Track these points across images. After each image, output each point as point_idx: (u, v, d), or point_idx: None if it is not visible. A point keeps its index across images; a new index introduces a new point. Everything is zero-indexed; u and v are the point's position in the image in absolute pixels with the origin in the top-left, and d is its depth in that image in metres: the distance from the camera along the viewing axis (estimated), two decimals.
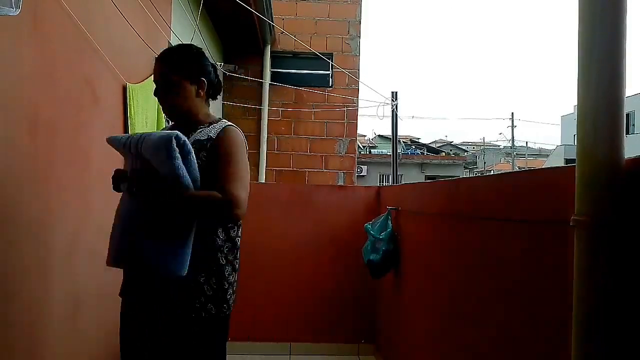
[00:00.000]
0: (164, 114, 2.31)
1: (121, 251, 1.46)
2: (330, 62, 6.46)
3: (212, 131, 1.54)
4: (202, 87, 1.58)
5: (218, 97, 1.72)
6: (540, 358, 1.18)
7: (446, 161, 25.72)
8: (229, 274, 1.53)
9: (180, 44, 1.74)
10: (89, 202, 2.10)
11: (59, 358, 1.89)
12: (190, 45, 1.68)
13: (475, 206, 1.67)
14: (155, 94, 1.58)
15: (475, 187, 1.74)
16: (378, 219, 2.94)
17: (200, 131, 1.55)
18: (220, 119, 1.63)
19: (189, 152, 1.38)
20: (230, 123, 1.59)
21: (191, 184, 1.37)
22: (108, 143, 1.57)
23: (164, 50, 1.63)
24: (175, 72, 1.55)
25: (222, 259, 1.51)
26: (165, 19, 3.31)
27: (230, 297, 1.55)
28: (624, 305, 0.80)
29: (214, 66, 1.66)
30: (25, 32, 1.59)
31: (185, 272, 1.39)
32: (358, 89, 6.62)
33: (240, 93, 6.31)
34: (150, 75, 2.94)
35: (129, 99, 2.45)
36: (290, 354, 3.43)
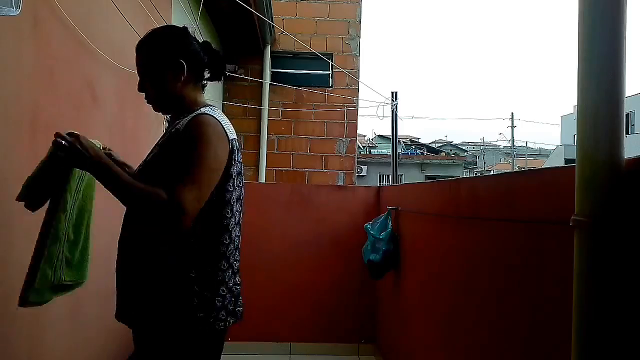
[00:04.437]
0: None
1: None
2: (330, 62, 6.46)
3: (185, 121, 1.34)
4: (181, 71, 1.38)
5: (221, 78, 1.54)
6: (541, 358, 1.18)
7: (446, 161, 25.72)
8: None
9: (154, 28, 1.49)
10: None
11: (58, 358, 1.89)
12: (165, 27, 1.49)
13: (475, 206, 1.67)
14: (137, 89, 1.44)
15: (475, 187, 1.74)
16: (378, 219, 2.94)
17: (179, 122, 1.36)
18: (204, 106, 1.41)
19: None
20: (206, 111, 1.35)
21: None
22: None
23: (140, 39, 1.45)
24: (147, 59, 1.40)
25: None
26: (165, 19, 3.31)
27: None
28: (625, 305, 0.80)
29: (205, 44, 1.47)
30: (25, 32, 1.59)
31: None
32: (358, 89, 6.62)
33: (240, 93, 6.31)
34: None
35: None
36: (290, 354, 3.43)
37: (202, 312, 1.31)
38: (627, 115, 21.13)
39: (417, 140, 33.49)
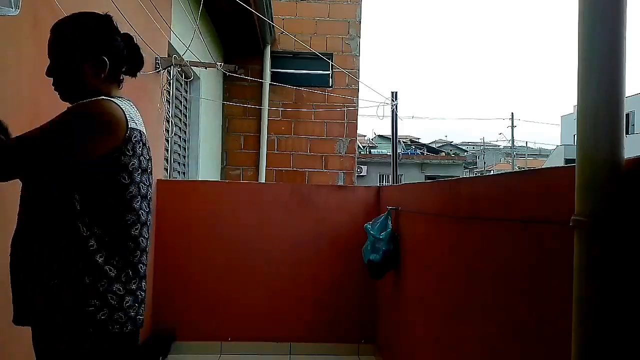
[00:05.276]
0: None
1: None
2: (330, 62, 6.46)
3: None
4: (102, 66, 1.29)
5: (138, 74, 1.45)
6: (541, 357, 1.18)
7: (446, 161, 25.73)
8: None
9: (76, 13, 1.33)
10: None
11: None
12: (89, 15, 1.32)
13: (475, 206, 1.67)
14: (46, 72, 1.31)
15: (475, 187, 1.74)
16: (378, 219, 2.94)
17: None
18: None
19: None
20: (110, 98, 1.27)
21: None
22: None
23: (60, 20, 1.31)
24: (66, 47, 1.28)
25: None
26: (165, 19, 3.31)
27: None
28: (624, 305, 0.80)
29: (126, 36, 1.38)
30: (25, 32, 1.59)
31: None
32: (358, 89, 6.62)
33: (240, 93, 6.31)
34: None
35: None
36: (290, 354, 3.43)
37: (92, 306, 1.18)
38: (627, 115, 21.14)
39: (417, 140, 33.51)
